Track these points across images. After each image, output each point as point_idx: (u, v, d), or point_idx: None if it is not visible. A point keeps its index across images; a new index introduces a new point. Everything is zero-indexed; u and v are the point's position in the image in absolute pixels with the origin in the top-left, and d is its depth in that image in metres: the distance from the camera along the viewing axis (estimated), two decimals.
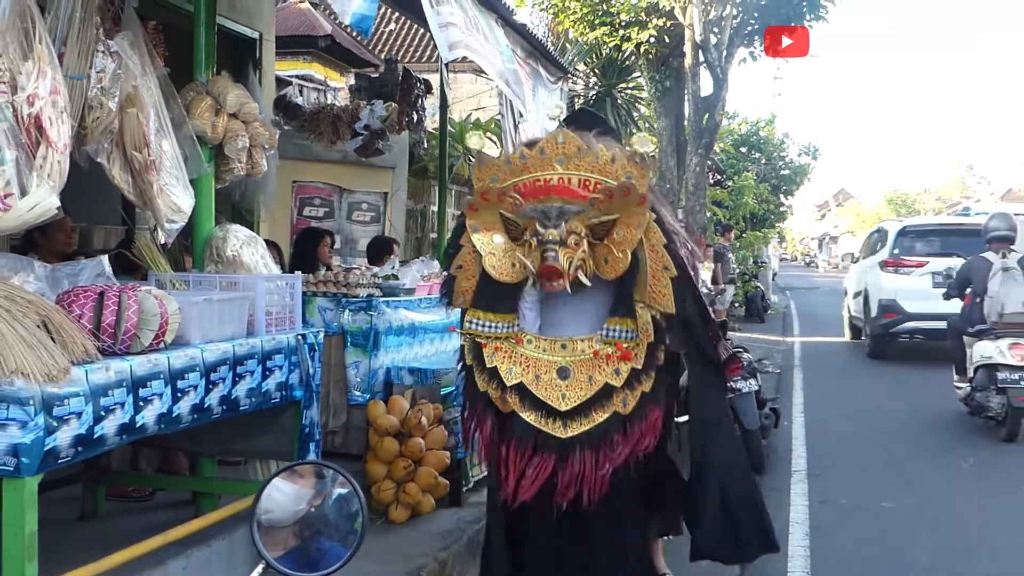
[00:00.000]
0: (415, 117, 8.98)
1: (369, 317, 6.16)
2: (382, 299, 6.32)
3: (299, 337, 4.77)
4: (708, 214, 17.20)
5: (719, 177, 24.26)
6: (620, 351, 3.81)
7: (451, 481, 5.98)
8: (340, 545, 2.77)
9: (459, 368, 4.13)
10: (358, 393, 6.16)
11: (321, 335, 5.06)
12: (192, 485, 5.29)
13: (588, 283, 3.80)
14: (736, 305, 21.16)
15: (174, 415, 3.84)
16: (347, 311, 6.18)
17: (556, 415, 3.76)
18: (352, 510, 2.81)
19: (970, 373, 9.36)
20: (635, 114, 16.39)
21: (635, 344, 3.81)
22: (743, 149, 30.45)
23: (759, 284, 22.27)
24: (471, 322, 3.90)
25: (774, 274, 32.30)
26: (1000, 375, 8.80)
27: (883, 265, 14.51)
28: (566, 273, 3.72)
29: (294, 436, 4.82)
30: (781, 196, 32.01)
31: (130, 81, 4.28)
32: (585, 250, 3.78)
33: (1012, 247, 9.32)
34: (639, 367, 3.80)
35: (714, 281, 15.59)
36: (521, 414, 3.79)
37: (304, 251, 7.64)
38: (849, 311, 17.41)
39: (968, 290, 9.63)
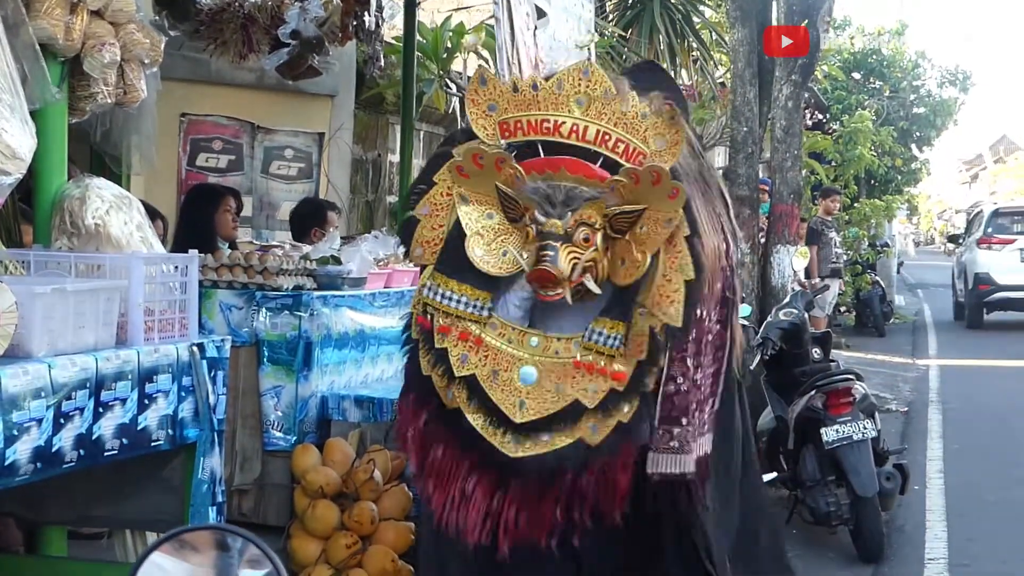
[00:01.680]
0: (367, 21, 8.99)
1: (296, 320, 6.17)
2: (316, 293, 6.33)
3: (194, 349, 4.77)
4: (805, 172, 17.21)
5: (821, 117, 24.27)
6: (613, 372, 4.10)
7: (417, 567, 5.99)
8: None
9: (402, 341, 4.51)
10: (279, 434, 6.17)
11: (227, 346, 5.08)
12: (31, 569, 5.29)
13: (598, 291, 4.13)
14: (843, 310, 21.20)
15: (6, 464, 3.83)
16: (264, 311, 6.19)
17: (508, 426, 4.09)
18: None
19: None
20: (697, 20, 16.37)
21: (619, 355, 4.10)
22: (857, 75, 30.45)
23: (878, 279, 22.28)
24: (432, 290, 4.24)
25: (900, 263, 32.34)
26: None
27: (978, 243, 24.07)
28: (565, 280, 4.03)
29: (185, 496, 4.81)
30: (913, 147, 32.04)
31: None
32: (598, 248, 4.12)
33: None
34: (620, 389, 4.09)
35: (809, 274, 15.58)
36: (467, 415, 4.13)
37: (195, 221, 7.64)
38: (954, 291, 25.65)
39: None
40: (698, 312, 4.20)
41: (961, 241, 27.56)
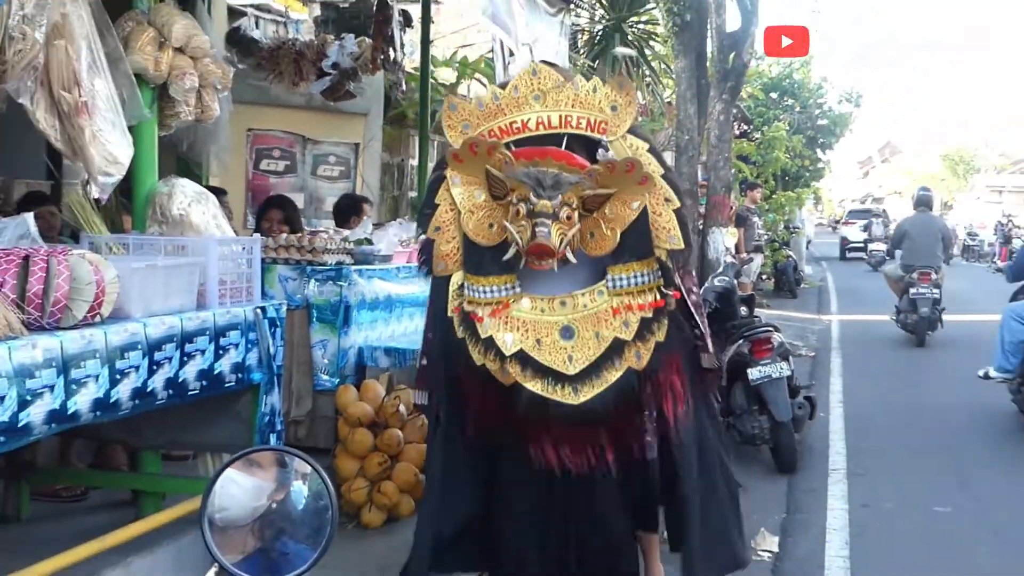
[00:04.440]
0: (392, 55, 8.94)
1: (338, 288, 6.15)
2: (354, 267, 6.32)
3: (258, 311, 4.76)
4: (734, 171, 17.18)
5: (746, 128, 24.20)
6: (638, 304, 3.89)
7: None
8: (306, 546, 2.77)
9: (430, 338, 4.31)
10: (325, 377, 6.16)
11: (283, 309, 5.06)
12: (132, 483, 5.28)
13: (574, 260, 3.86)
14: (764, 277, 21.22)
15: (112, 401, 3.83)
16: (313, 281, 6.17)
17: (564, 380, 3.82)
18: (320, 505, 2.81)
19: None
20: (649, 53, 16.33)
21: (648, 289, 3.90)
22: (774, 95, 30.36)
23: (791, 253, 22.30)
24: (472, 289, 3.93)
25: (808, 242, 32.39)
26: None
27: (842, 224, 42.85)
28: (557, 252, 3.79)
29: (252, 426, 4.82)
30: (818, 150, 32.01)
31: (58, 8, 4.25)
32: (577, 225, 3.85)
33: None
34: (649, 316, 3.88)
35: (738, 250, 15.60)
36: (525, 384, 3.83)
37: (257, 225, 7.61)
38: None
39: None
40: (690, 231, 4.02)
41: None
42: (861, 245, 35.81)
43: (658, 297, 3.90)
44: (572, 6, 10.76)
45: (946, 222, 17.18)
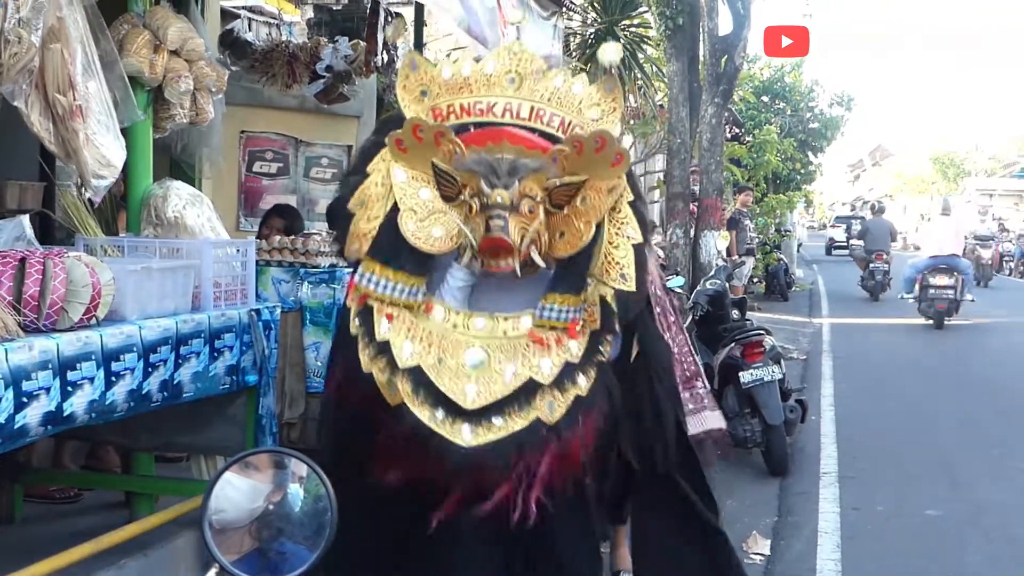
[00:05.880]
0: (385, 57, 8.94)
1: (332, 291, 6.15)
2: (347, 269, 6.32)
3: (252, 313, 4.77)
4: (726, 174, 17.23)
5: (737, 131, 24.25)
6: (567, 330, 3.28)
7: None
8: (304, 547, 2.78)
9: (335, 338, 3.76)
10: (318, 379, 6.15)
11: (278, 311, 5.07)
12: (126, 485, 5.29)
13: (543, 264, 3.34)
14: (755, 281, 21.26)
15: (107, 403, 3.83)
16: (306, 283, 6.17)
17: (459, 414, 3.19)
18: (319, 507, 2.81)
19: None
20: (641, 56, 16.32)
21: (573, 328, 3.28)
22: (765, 98, 30.41)
23: (782, 256, 22.35)
24: (365, 277, 3.36)
25: (799, 245, 32.51)
26: None
27: (828, 226, 55.69)
28: (517, 250, 3.24)
29: (247, 428, 4.83)
30: (809, 153, 32.08)
31: (54, 12, 4.25)
32: (542, 220, 3.29)
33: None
34: (575, 361, 3.26)
35: (729, 253, 15.64)
36: (413, 409, 3.20)
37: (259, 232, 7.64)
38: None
39: None
40: (649, 274, 3.48)
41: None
42: (844, 244, 42.93)
43: (585, 333, 3.28)
44: (564, 9, 10.75)
45: (892, 223, 24.79)
